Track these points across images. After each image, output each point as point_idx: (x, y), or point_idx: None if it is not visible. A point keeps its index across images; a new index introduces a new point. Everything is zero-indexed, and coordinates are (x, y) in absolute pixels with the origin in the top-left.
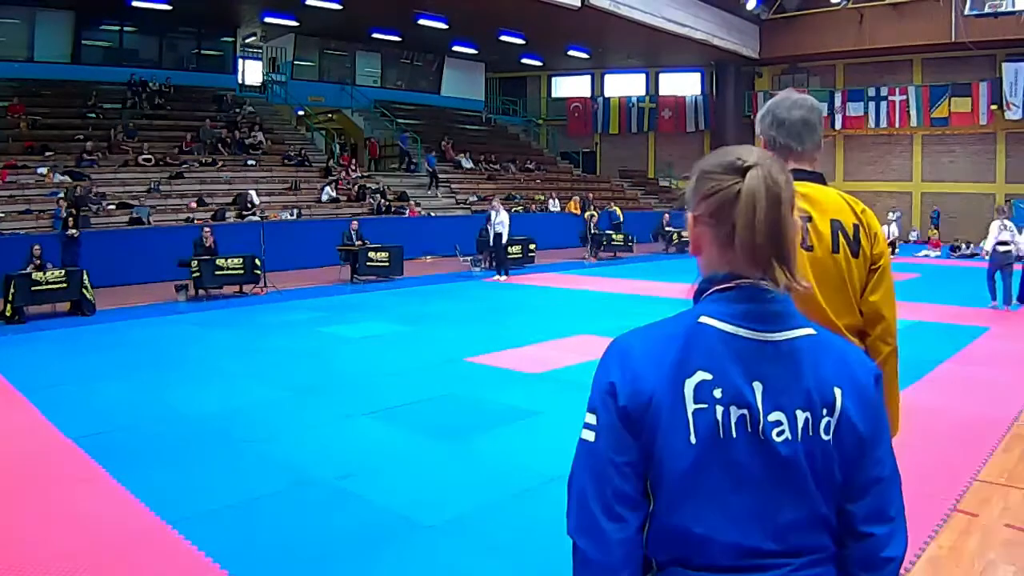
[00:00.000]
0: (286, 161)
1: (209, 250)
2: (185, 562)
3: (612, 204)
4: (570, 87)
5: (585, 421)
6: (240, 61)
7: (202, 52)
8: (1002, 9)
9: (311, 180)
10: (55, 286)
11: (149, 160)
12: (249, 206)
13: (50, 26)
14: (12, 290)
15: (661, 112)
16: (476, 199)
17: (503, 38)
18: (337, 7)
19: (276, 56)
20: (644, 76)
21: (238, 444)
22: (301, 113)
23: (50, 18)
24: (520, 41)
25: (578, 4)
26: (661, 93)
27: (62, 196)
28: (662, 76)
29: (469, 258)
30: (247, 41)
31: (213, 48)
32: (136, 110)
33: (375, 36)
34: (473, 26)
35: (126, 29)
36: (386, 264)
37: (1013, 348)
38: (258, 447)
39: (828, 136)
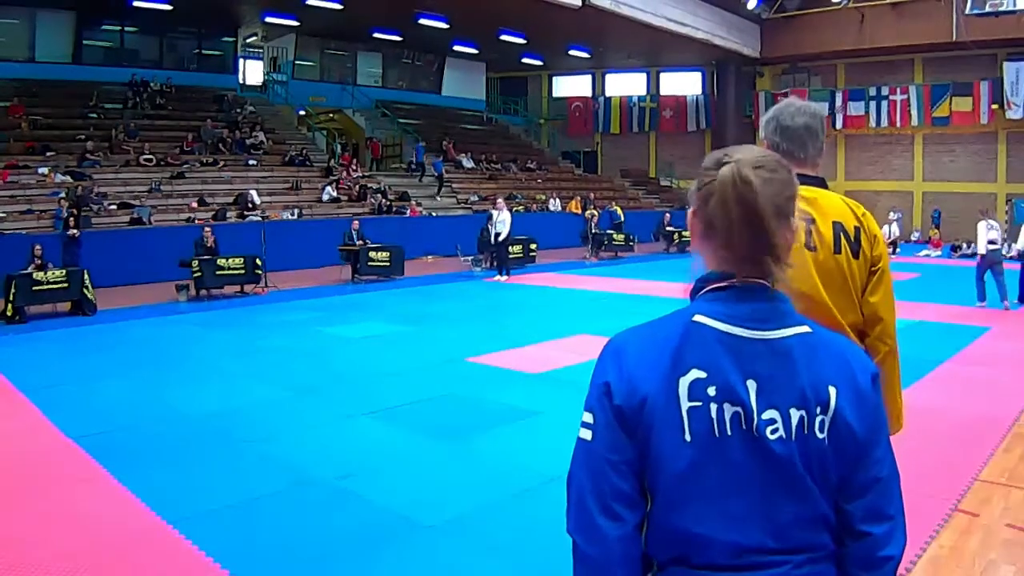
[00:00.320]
0: (287, 161)
1: (210, 250)
2: (185, 562)
3: (613, 204)
4: (571, 87)
5: (583, 420)
6: (241, 61)
7: (203, 52)
8: (1003, 8)
9: (312, 180)
10: (56, 286)
11: (150, 160)
12: (250, 206)
13: (51, 26)
14: (13, 290)
15: (662, 112)
16: (477, 199)
17: (504, 38)
18: (338, 7)
19: (277, 56)
20: (645, 76)
21: (238, 444)
22: (302, 113)
23: (51, 18)
24: (521, 41)
25: (579, 3)
26: (662, 93)
27: (63, 196)
28: (663, 76)
29: (470, 258)
30: (248, 41)
31: (214, 48)
32: (137, 110)
33: (376, 36)
34: (474, 26)
35: (127, 29)
36: (387, 264)
37: (1013, 348)
38: (258, 447)
39: (829, 136)
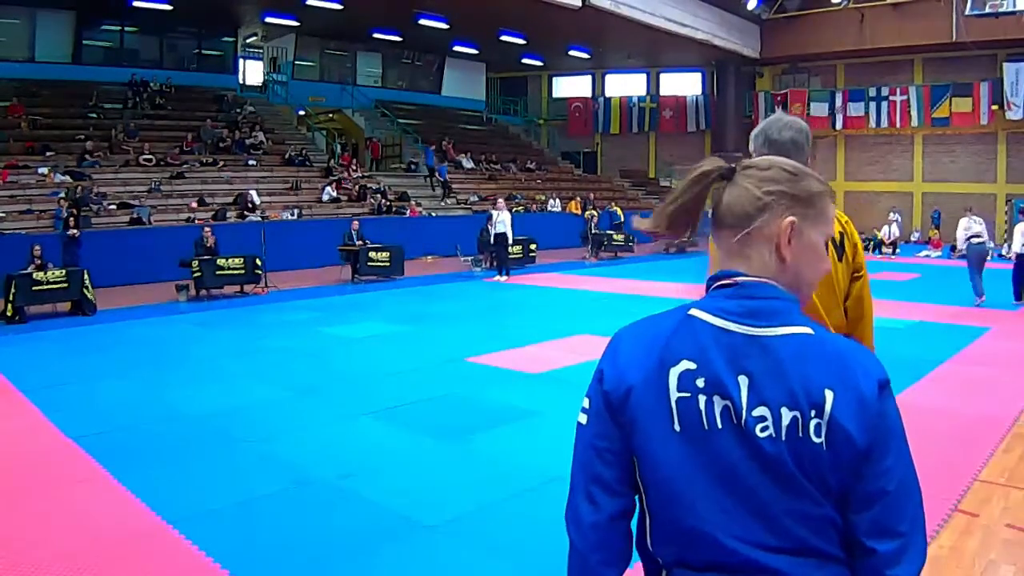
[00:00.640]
0: (287, 161)
1: (210, 250)
2: (185, 562)
3: (613, 204)
4: (571, 87)
5: (582, 405)
6: (241, 61)
7: (203, 52)
8: (1003, 9)
9: (312, 180)
10: (56, 286)
11: (150, 160)
12: (250, 206)
13: (51, 26)
14: (13, 290)
15: (662, 112)
16: (477, 199)
17: (504, 38)
18: (338, 7)
19: (277, 56)
20: (645, 76)
21: (238, 444)
22: (302, 113)
23: (51, 18)
24: (521, 41)
25: (579, 4)
26: (662, 93)
27: (63, 196)
28: (663, 76)
29: (470, 258)
30: (248, 41)
31: (214, 48)
32: (137, 110)
33: (376, 36)
34: (473, 26)
35: (127, 29)
36: (387, 264)
37: (1013, 348)
38: (258, 447)
39: (829, 136)
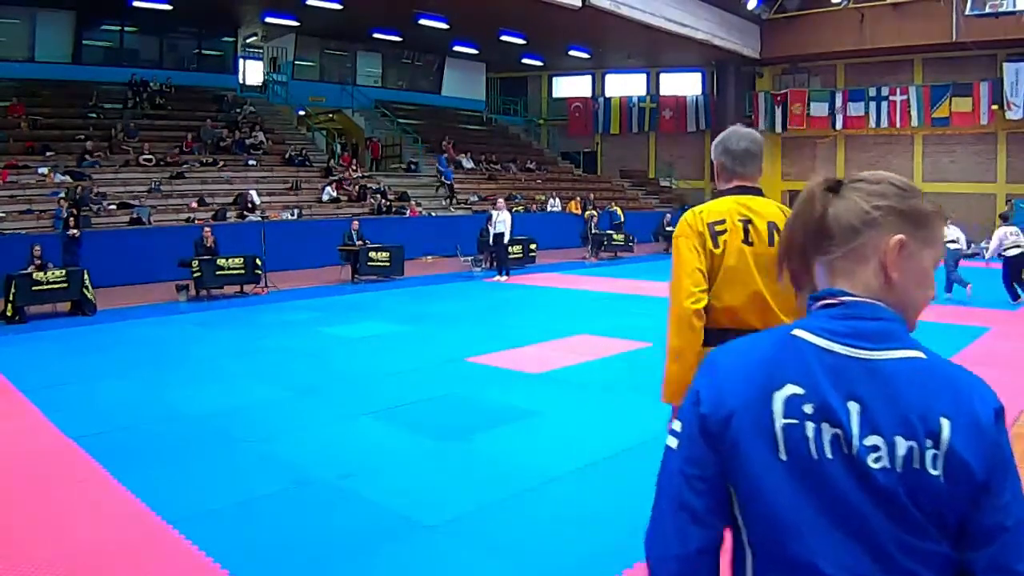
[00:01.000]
0: (287, 161)
1: (210, 250)
2: (185, 562)
3: (613, 204)
4: (571, 87)
5: (671, 428)
6: (241, 61)
7: (203, 52)
8: (1003, 9)
9: (312, 180)
10: (56, 286)
11: (150, 160)
12: (250, 206)
13: (51, 26)
14: (13, 290)
15: (662, 112)
16: (477, 199)
17: (504, 38)
18: (338, 7)
19: (277, 56)
20: (645, 76)
21: (238, 444)
22: (302, 113)
23: (51, 18)
24: (521, 41)
25: (579, 4)
26: (662, 93)
27: (63, 196)
28: (663, 76)
29: (470, 258)
30: (248, 41)
31: (214, 48)
32: (137, 110)
33: (376, 36)
34: (473, 26)
35: (127, 29)
36: (387, 264)
37: (1013, 348)
38: (258, 447)
39: (829, 136)
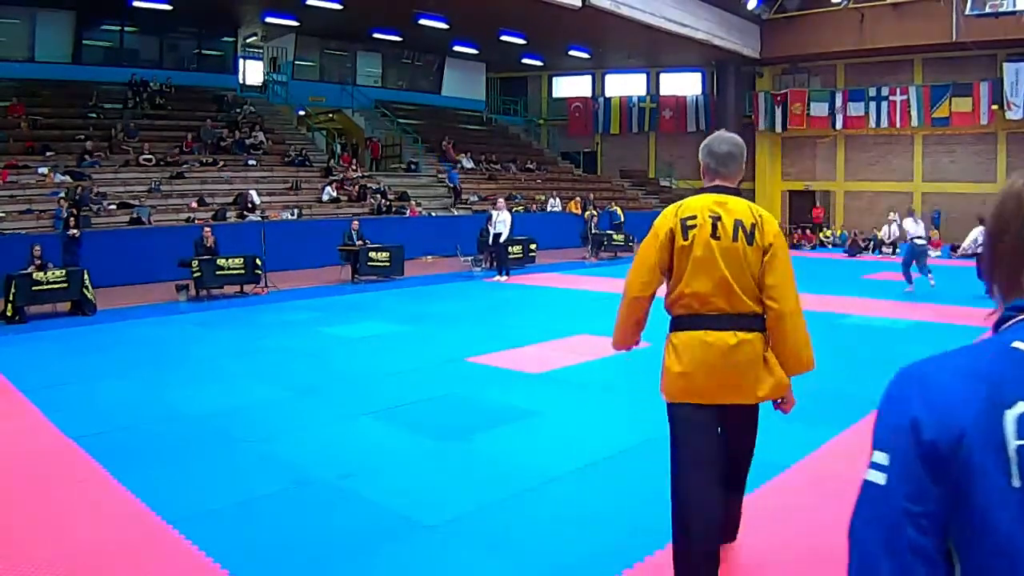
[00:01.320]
0: (287, 161)
1: (210, 250)
2: (185, 562)
3: (613, 204)
4: (571, 87)
5: (872, 460)
6: (241, 61)
7: (203, 52)
8: (1003, 9)
9: (312, 180)
10: (56, 286)
11: (150, 160)
12: (250, 206)
13: (51, 26)
14: (13, 290)
15: (662, 112)
16: (477, 199)
17: (504, 38)
18: (338, 7)
19: (277, 56)
20: (645, 76)
21: (238, 444)
22: (302, 113)
23: (51, 18)
24: (521, 41)
25: (579, 4)
26: (662, 93)
27: (63, 196)
28: (663, 76)
29: (470, 258)
30: (248, 41)
31: (214, 48)
32: (137, 110)
33: (376, 36)
34: (473, 26)
35: (127, 29)
36: (387, 264)
37: None
38: (258, 447)
39: (829, 136)
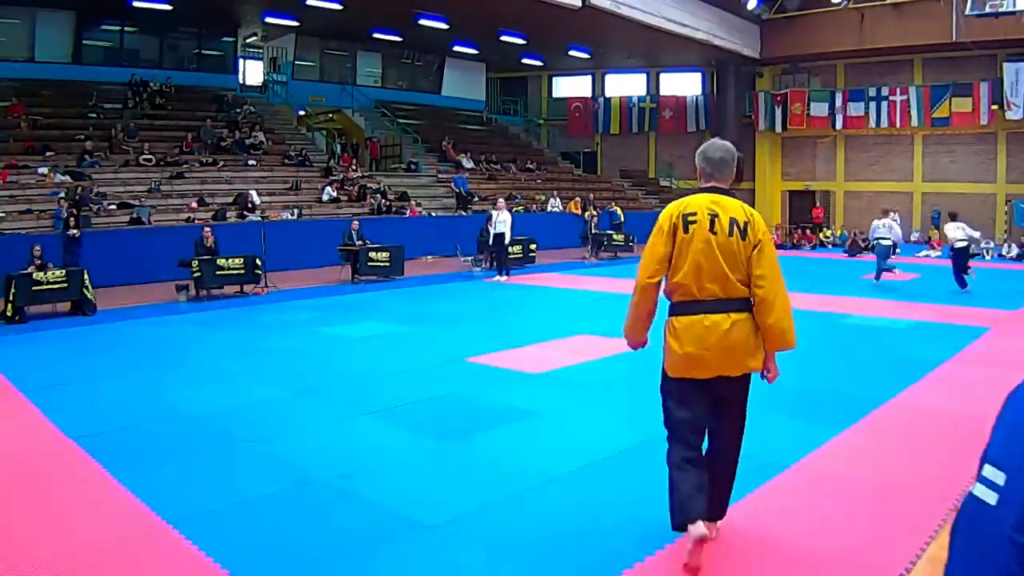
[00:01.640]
0: (287, 161)
1: (210, 250)
2: (185, 562)
3: (613, 204)
4: (571, 87)
5: (983, 475)
6: (241, 61)
7: (203, 52)
8: (1003, 9)
9: (312, 180)
10: (56, 286)
11: (150, 160)
12: (250, 206)
13: (51, 26)
14: (13, 290)
15: (662, 112)
16: (477, 199)
17: (504, 38)
18: (338, 7)
19: (277, 56)
20: (645, 76)
21: (238, 444)
22: (302, 113)
23: (51, 18)
24: (521, 41)
25: (579, 4)
26: (662, 93)
27: (63, 196)
28: (663, 76)
29: (470, 258)
30: (248, 41)
31: (214, 48)
32: (137, 110)
33: (376, 36)
34: (474, 26)
35: (127, 29)
36: (387, 264)
37: (1013, 348)
38: (258, 447)
39: (829, 136)
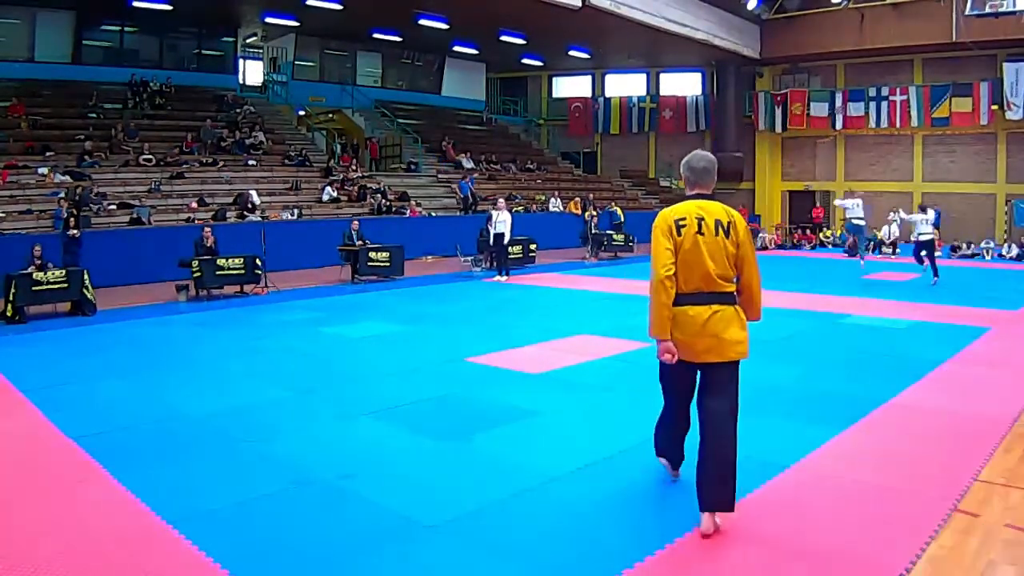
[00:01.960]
0: (287, 161)
1: (210, 250)
2: (185, 562)
3: (613, 204)
4: (571, 87)
5: None
6: (241, 61)
7: (203, 52)
8: (1003, 9)
9: (312, 180)
10: (56, 286)
11: (150, 160)
12: (250, 206)
13: (51, 26)
14: (13, 290)
15: (662, 112)
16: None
17: (504, 38)
18: (338, 7)
19: (277, 56)
20: (645, 76)
21: (238, 444)
22: (302, 113)
23: (51, 18)
24: (521, 41)
25: (579, 4)
26: (662, 93)
27: (63, 196)
28: (663, 76)
29: (470, 258)
30: (248, 41)
31: (214, 48)
32: (137, 110)
33: (376, 36)
34: (473, 26)
35: (127, 29)
36: (387, 264)
37: (1013, 348)
38: (258, 447)
39: (829, 136)
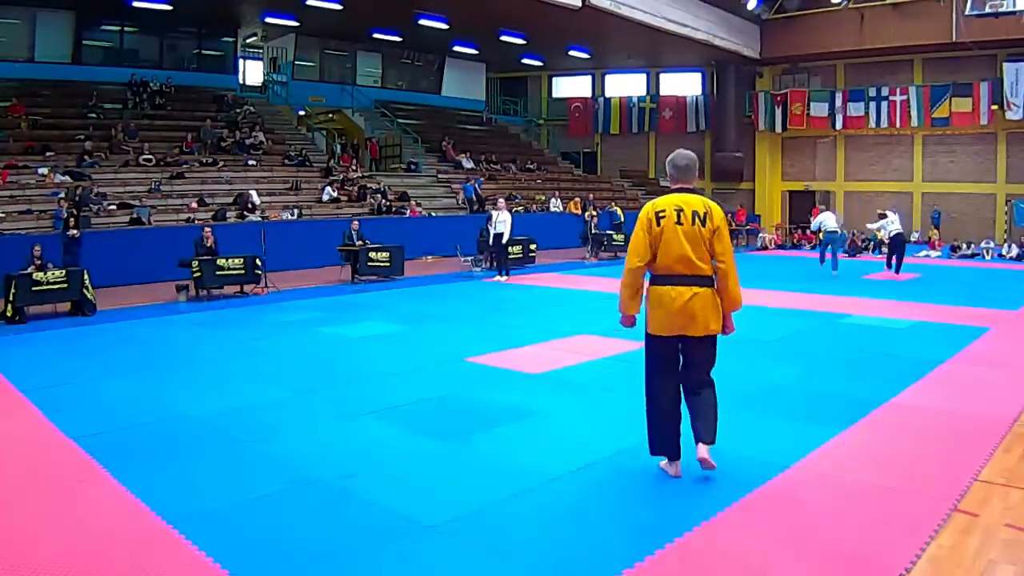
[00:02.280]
0: (287, 161)
1: (210, 250)
2: (185, 562)
3: (613, 204)
4: (571, 87)
5: None
6: (241, 61)
7: (203, 52)
8: (1003, 9)
9: (312, 180)
10: (56, 286)
11: (150, 160)
12: (250, 206)
13: (51, 26)
14: (13, 290)
15: (662, 112)
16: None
17: (504, 38)
18: (338, 7)
19: (277, 56)
20: (645, 76)
21: (239, 444)
22: (302, 113)
23: (51, 18)
24: (521, 41)
25: (579, 4)
26: (662, 93)
27: (63, 196)
28: (663, 76)
29: (470, 258)
30: (248, 41)
31: (214, 48)
32: (137, 110)
33: (375, 36)
34: (473, 26)
35: (127, 29)
36: (387, 264)
37: (1013, 348)
38: (259, 447)
39: (829, 136)
